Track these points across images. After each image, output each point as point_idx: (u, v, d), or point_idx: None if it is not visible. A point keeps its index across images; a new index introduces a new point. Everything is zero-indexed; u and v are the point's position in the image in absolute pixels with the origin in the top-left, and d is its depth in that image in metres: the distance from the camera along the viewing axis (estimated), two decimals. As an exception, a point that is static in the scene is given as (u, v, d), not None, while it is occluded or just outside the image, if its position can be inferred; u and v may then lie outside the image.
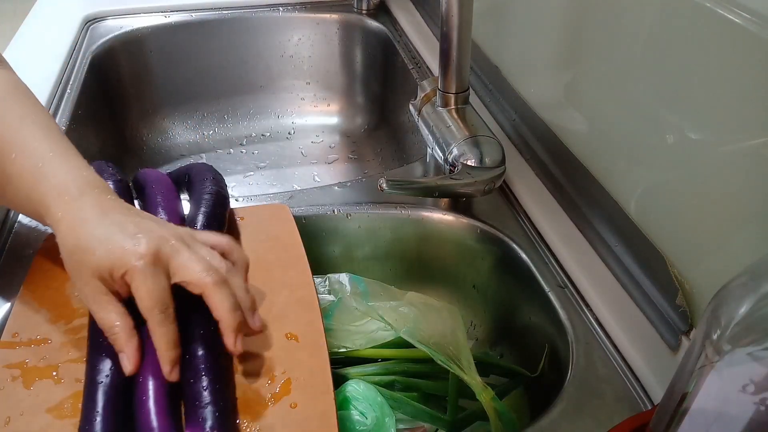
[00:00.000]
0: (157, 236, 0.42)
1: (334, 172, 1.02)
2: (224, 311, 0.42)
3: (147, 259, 0.41)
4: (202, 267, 0.42)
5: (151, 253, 0.41)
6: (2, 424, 0.41)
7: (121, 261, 0.41)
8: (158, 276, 0.41)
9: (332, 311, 0.60)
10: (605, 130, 0.58)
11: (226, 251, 0.46)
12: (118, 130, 1.00)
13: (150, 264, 0.41)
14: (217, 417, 0.40)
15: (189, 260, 0.42)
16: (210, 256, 0.44)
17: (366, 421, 0.50)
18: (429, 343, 0.55)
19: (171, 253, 0.42)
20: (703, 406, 0.31)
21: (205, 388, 0.41)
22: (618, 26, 0.54)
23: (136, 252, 0.41)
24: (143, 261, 0.41)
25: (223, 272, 0.43)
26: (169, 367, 0.41)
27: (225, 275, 0.43)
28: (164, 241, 0.42)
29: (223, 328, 0.42)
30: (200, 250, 0.44)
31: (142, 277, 0.41)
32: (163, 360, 0.41)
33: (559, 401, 0.48)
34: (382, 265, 0.69)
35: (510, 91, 0.75)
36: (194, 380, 0.42)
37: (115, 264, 0.41)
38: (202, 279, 0.42)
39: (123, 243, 0.41)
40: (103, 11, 1.01)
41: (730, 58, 0.43)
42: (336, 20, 1.06)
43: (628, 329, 0.52)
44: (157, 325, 0.41)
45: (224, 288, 0.42)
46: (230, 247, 0.47)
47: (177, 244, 0.43)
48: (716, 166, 0.45)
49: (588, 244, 0.60)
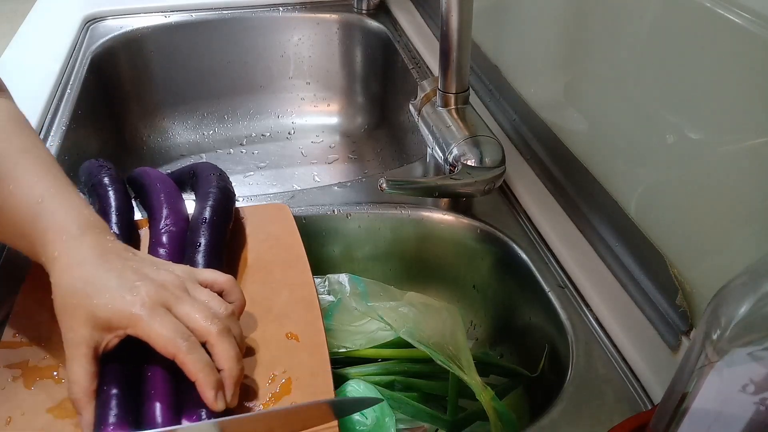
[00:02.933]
0: (157, 285, 0.42)
1: (334, 172, 1.02)
2: (228, 361, 0.41)
3: (148, 306, 0.40)
4: (205, 316, 0.41)
5: (151, 301, 0.41)
6: (3, 423, 0.41)
7: (122, 313, 0.40)
8: (164, 315, 0.41)
9: (332, 311, 0.60)
10: (605, 130, 0.58)
11: (225, 290, 0.46)
12: (118, 130, 1.00)
13: (152, 309, 0.40)
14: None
15: (191, 309, 0.42)
16: (210, 300, 0.43)
17: (366, 421, 0.50)
18: (429, 343, 0.55)
19: (172, 302, 0.42)
20: (703, 406, 0.31)
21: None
22: (618, 26, 0.54)
23: (135, 303, 0.40)
24: (145, 309, 0.40)
25: (225, 321, 0.42)
26: (213, 392, 0.40)
27: (228, 324, 0.42)
28: (163, 290, 0.42)
29: (224, 378, 0.41)
30: (200, 295, 0.43)
31: (148, 322, 0.40)
32: (205, 387, 0.40)
33: (559, 401, 0.48)
34: (382, 265, 0.69)
35: (510, 91, 0.75)
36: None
37: (114, 315, 0.40)
38: (207, 328, 0.41)
39: (122, 294, 0.40)
40: (103, 11, 1.01)
41: (730, 58, 0.43)
42: (336, 20, 1.06)
43: (628, 329, 0.52)
44: (187, 354, 0.40)
45: (228, 337, 0.42)
46: (230, 287, 0.46)
47: (177, 292, 0.42)
48: (716, 166, 0.45)
49: (588, 244, 0.60)
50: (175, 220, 0.54)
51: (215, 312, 0.42)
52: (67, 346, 0.41)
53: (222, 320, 0.42)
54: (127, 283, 0.41)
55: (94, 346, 0.41)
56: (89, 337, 0.40)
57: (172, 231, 0.53)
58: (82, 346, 0.40)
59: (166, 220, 0.54)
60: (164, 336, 0.40)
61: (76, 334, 0.41)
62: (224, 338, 0.41)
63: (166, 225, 0.53)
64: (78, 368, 0.40)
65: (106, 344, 0.41)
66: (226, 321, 0.43)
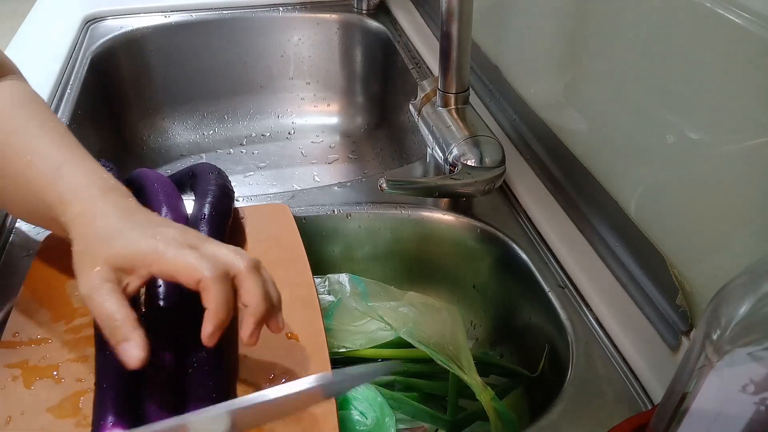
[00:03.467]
0: (179, 231, 0.41)
1: (334, 172, 1.02)
2: (255, 297, 0.39)
3: (173, 244, 0.39)
4: (234, 251, 0.40)
5: (176, 241, 0.39)
6: (3, 423, 0.41)
7: (146, 250, 0.39)
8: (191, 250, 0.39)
9: (332, 311, 0.60)
10: (605, 130, 0.58)
11: None
12: (118, 130, 1.00)
13: (178, 247, 0.39)
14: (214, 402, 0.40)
15: (218, 247, 0.40)
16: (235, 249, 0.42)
17: (366, 421, 0.50)
18: (429, 343, 0.55)
19: (198, 243, 0.40)
20: (703, 406, 0.31)
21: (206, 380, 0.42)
22: (618, 26, 0.54)
23: (159, 242, 0.39)
24: (171, 246, 0.39)
25: (253, 259, 0.41)
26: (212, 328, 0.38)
27: (257, 262, 0.41)
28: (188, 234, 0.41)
29: (247, 315, 0.39)
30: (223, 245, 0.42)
31: (174, 255, 0.38)
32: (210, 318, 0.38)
33: (559, 401, 0.48)
34: (382, 265, 0.69)
35: (510, 91, 0.75)
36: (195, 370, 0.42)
37: (138, 253, 0.39)
38: (236, 262, 0.39)
39: (146, 236, 0.39)
40: (103, 11, 1.01)
41: (730, 58, 0.43)
42: (336, 20, 1.06)
43: (628, 329, 0.52)
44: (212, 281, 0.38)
45: (257, 274, 0.40)
46: None
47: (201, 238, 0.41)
48: (716, 166, 0.45)
49: (588, 244, 0.60)
50: (174, 218, 0.54)
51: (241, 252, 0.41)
52: (90, 291, 0.38)
53: (249, 258, 0.40)
54: (149, 231, 0.40)
55: (115, 284, 0.38)
56: (109, 276, 0.38)
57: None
58: (105, 282, 0.38)
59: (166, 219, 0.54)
60: (190, 263, 0.38)
61: (94, 277, 0.38)
62: (253, 273, 0.40)
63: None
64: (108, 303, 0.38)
65: (128, 286, 0.39)
66: (255, 260, 0.41)
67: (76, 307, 0.49)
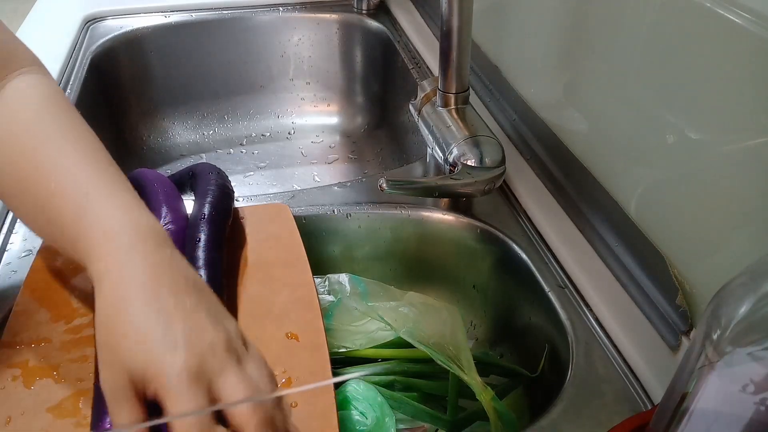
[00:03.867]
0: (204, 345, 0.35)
1: (334, 172, 1.02)
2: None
3: (184, 376, 0.34)
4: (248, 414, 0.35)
5: (190, 370, 0.34)
6: (3, 423, 0.41)
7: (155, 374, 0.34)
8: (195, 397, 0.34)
9: (332, 311, 0.60)
10: (605, 130, 0.58)
11: None
12: (118, 130, 1.00)
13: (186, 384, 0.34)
14: None
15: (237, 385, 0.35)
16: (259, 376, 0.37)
17: (366, 421, 0.50)
18: (429, 343, 0.55)
19: (216, 370, 0.35)
20: (703, 406, 0.31)
21: None
22: (618, 26, 0.54)
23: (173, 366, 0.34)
24: (179, 380, 0.34)
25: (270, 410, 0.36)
26: None
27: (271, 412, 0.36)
28: (210, 354, 0.35)
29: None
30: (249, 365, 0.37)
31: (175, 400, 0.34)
32: None
33: (559, 401, 0.48)
34: (382, 265, 0.69)
35: (510, 91, 0.75)
36: None
37: (148, 373, 0.34)
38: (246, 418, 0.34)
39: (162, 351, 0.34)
40: (103, 11, 1.01)
41: (730, 58, 0.43)
42: (336, 20, 1.06)
43: (628, 329, 0.52)
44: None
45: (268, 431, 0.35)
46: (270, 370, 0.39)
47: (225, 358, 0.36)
48: (716, 166, 0.45)
49: (588, 244, 0.60)
50: (174, 218, 0.54)
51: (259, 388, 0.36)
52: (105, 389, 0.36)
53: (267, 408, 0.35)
54: (170, 340, 0.35)
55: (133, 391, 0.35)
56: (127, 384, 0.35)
57: (171, 229, 0.53)
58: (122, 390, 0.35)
59: (166, 218, 0.54)
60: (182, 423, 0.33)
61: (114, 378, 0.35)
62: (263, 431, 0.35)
63: (165, 224, 0.53)
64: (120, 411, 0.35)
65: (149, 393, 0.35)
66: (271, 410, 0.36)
67: (76, 308, 0.49)
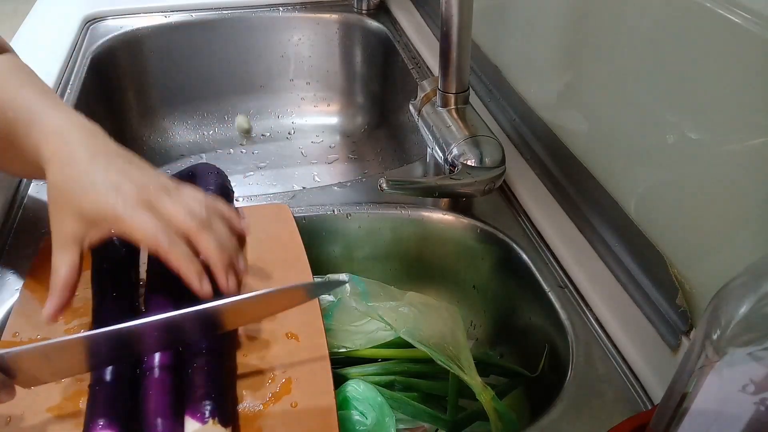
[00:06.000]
0: (139, 184, 0.45)
1: (334, 172, 1.01)
2: (211, 251, 0.44)
3: (130, 205, 0.43)
4: (185, 212, 0.44)
5: (134, 199, 0.43)
6: (3, 423, 0.41)
7: (106, 212, 0.43)
8: (144, 213, 0.43)
9: (332, 311, 0.60)
10: (605, 130, 0.58)
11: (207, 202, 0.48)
12: (118, 130, 1.00)
13: (134, 208, 0.43)
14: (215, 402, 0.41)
15: (172, 207, 0.44)
16: (191, 202, 0.46)
17: (366, 421, 0.50)
18: (429, 343, 0.55)
19: (154, 200, 0.44)
20: (703, 406, 0.31)
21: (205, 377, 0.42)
22: (618, 26, 0.54)
23: (118, 202, 0.43)
24: (127, 208, 0.43)
25: (204, 216, 0.45)
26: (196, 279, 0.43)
27: (208, 219, 0.46)
28: (146, 189, 0.44)
29: (212, 268, 0.44)
30: (182, 198, 0.46)
31: (129, 220, 0.43)
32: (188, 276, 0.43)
33: (559, 401, 0.48)
34: (382, 265, 0.69)
35: (510, 91, 0.75)
36: (195, 368, 0.42)
37: (99, 213, 0.43)
38: (186, 223, 0.44)
39: (106, 193, 0.43)
40: (103, 11, 1.01)
41: (730, 58, 0.43)
42: (336, 20, 1.06)
43: (628, 329, 0.52)
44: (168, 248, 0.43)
45: (208, 231, 0.45)
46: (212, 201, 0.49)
47: (158, 192, 0.45)
48: (716, 166, 0.45)
49: (588, 244, 0.60)
50: None
51: (194, 210, 0.45)
52: (54, 238, 0.44)
53: (201, 216, 0.45)
54: (112, 182, 0.44)
55: (79, 238, 0.44)
56: (75, 229, 0.43)
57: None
58: (68, 238, 0.44)
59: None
60: (145, 232, 0.43)
61: (63, 227, 0.44)
62: (204, 231, 0.44)
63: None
64: (62, 257, 0.43)
65: (92, 240, 0.44)
66: (207, 217, 0.46)
67: (76, 308, 0.49)
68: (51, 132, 0.47)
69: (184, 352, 0.44)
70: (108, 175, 0.44)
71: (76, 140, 0.46)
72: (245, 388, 0.44)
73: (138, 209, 0.43)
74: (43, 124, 0.47)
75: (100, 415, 0.39)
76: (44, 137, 0.46)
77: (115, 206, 0.43)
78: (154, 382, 0.42)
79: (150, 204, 0.44)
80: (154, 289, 0.48)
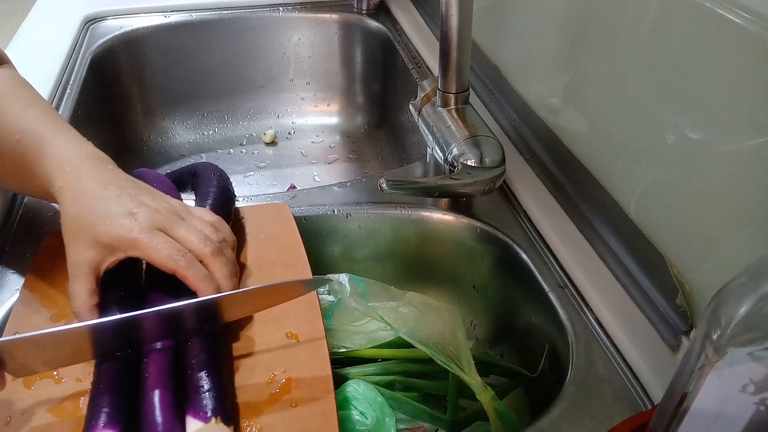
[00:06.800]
0: (152, 209, 0.46)
1: (334, 172, 1.02)
2: (224, 277, 0.46)
3: (146, 230, 0.45)
4: (199, 238, 0.46)
5: (148, 224, 0.45)
6: (3, 423, 0.41)
7: (122, 237, 0.44)
8: (161, 236, 0.45)
9: (332, 311, 0.60)
10: (605, 130, 0.58)
11: (216, 227, 0.50)
12: (118, 130, 1.00)
13: (150, 232, 0.45)
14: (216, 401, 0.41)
15: (186, 232, 0.46)
16: (203, 228, 0.48)
17: (366, 421, 0.50)
18: (429, 343, 0.55)
19: (168, 225, 0.46)
20: (703, 406, 0.31)
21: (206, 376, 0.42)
22: (618, 26, 0.54)
23: (134, 227, 0.44)
24: (144, 233, 0.44)
25: (217, 243, 0.47)
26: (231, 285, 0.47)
27: (220, 246, 0.47)
28: (159, 215, 0.46)
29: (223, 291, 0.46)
30: (193, 222, 0.48)
31: (147, 243, 0.44)
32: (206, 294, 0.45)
33: (559, 401, 0.48)
34: (382, 265, 0.69)
35: (510, 91, 0.75)
36: (195, 368, 0.42)
37: (115, 240, 0.44)
38: (201, 249, 0.46)
39: (122, 220, 0.45)
40: (103, 11, 1.01)
41: (730, 58, 0.43)
42: (336, 20, 1.06)
43: (628, 329, 0.52)
44: (186, 268, 0.44)
45: (221, 257, 0.47)
46: (219, 224, 0.51)
47: (172, 217, 0.47)
48: (716, 166, 0.45)
49: (588, 244, 0.60)
50: None
51: (207, 236, 0.47)
52: (71, 267, 0.45)
53: (214, 242, 0.47)
54: (126, 210, 0.45)
55: (95, 266, 0.45)
56: (92, 258, 0.45)
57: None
58: (84, 266, 0.45)
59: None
60: (163, 254, 0.44)
61: (79, 256, 0.45)
62: (217, 257, 0.46)
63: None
64: (80, 285, 0.45)
65: (107, 265, 0.45)
66: (219, 244, 0.47)
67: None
68: (62, 161, 0.47)
69: (185, 353, 0.44)
70: (121, 203, 0.46)
71: (87, 171, 0.47)
72: (245, 387, 0.44)
73: (153, 233, 0.45)
74: (54, 152, 0.48)
75: (100, 415, 0.39)
76: (56, 166, 0.47)
77: (131, 232, 0.44)
78: (154, 382, 0.42)
79: (164, 228, 0.46)
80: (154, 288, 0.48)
